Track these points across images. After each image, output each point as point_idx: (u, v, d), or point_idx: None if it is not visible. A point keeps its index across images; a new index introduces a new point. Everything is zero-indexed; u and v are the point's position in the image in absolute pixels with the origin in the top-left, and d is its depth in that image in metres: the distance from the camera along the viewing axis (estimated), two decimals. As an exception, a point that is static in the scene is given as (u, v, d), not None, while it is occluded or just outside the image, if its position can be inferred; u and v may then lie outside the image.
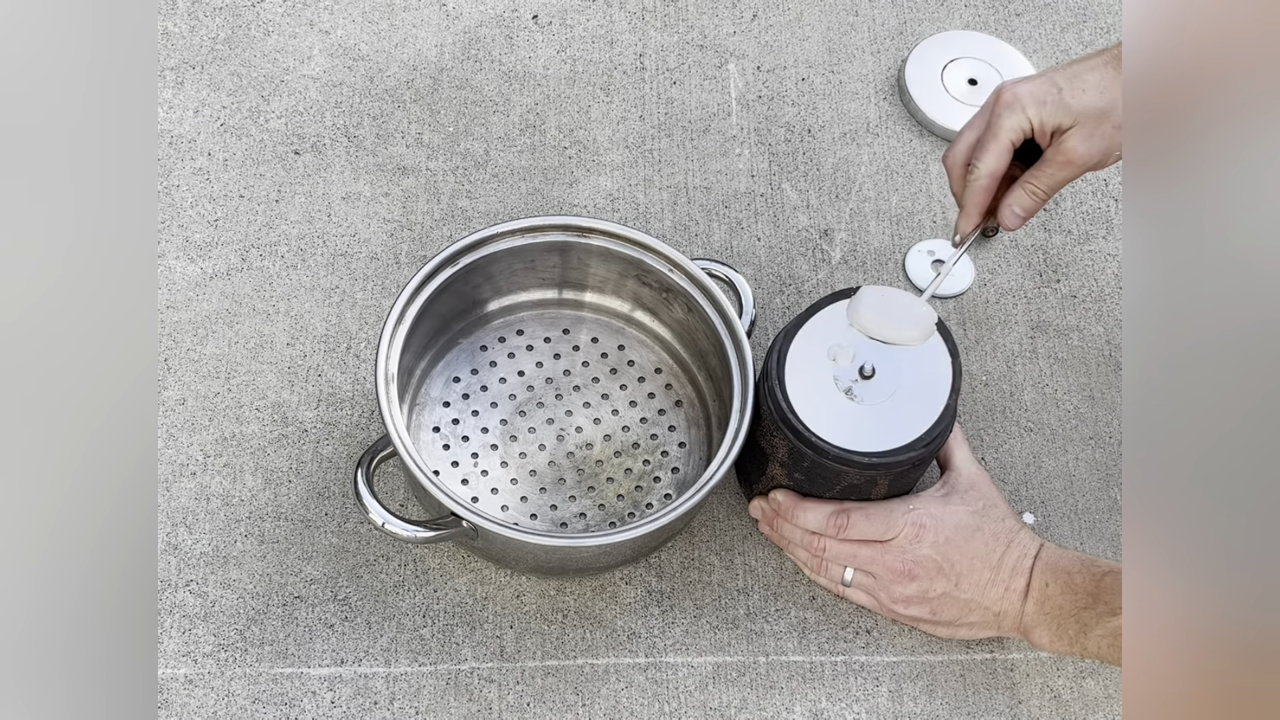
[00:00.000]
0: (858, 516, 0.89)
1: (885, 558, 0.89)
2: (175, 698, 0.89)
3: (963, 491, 0.90)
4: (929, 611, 0.90)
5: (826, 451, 0.86)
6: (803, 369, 0.89)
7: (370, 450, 0.87)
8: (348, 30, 1.15)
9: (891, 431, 0.87)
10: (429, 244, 1.05)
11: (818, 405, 0.88)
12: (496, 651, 0.92)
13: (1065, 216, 1.10)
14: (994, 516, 0.90)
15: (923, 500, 0.90)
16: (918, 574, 0.89)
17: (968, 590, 0.89)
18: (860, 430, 0.87)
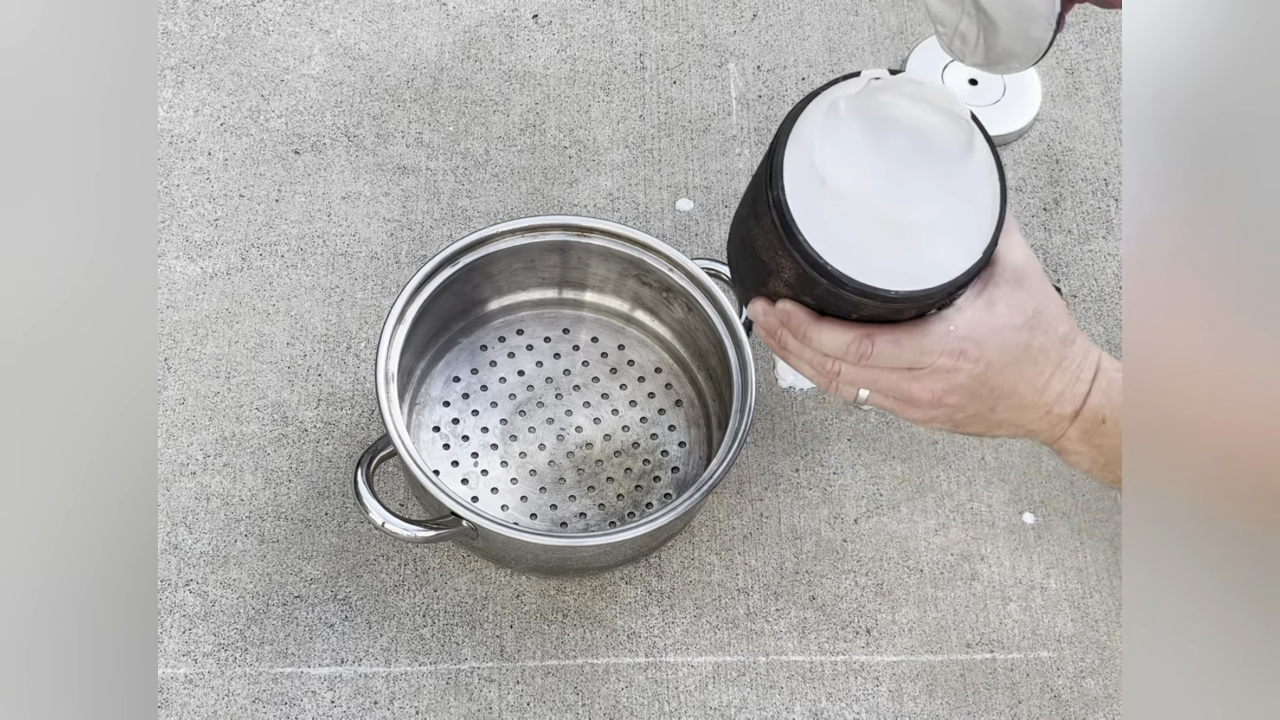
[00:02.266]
0: (884, 343, 0.75)
1: (913, 386, 0.77)
2: (175, 698, 0.89)
3: (1010, 288, 0.75)
4: (951, 426, 0.80)
5: (844, 283, 0.72)
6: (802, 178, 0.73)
7: (370, 450, 0.88)
8: (348, 30, 1.15)
9: (923, 261, 0.73)
10: (429, 244, 1.05)
11: (833, 221, 0.73)
12: (496, 651, 0.92)
13: (1065, 216, 1.10)
14: (1045, 324, 0.76)
15: (962, 316, 0.75)
16: (948, 402, 0.77)
17: (1003, 413, 0.78)
18: (886, 257, 0.73)
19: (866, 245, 0.73)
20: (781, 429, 1.00)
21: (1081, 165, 1.12)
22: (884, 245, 0.73)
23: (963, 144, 0.75)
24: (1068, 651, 0.94)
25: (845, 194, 0.73)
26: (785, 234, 0.73)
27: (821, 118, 0.74)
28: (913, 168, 0.75)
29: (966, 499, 0.99)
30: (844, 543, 0.97)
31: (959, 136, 0.75)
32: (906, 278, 0.73)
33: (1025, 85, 1.15)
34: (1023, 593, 0.96)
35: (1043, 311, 0.76)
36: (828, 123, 0.74)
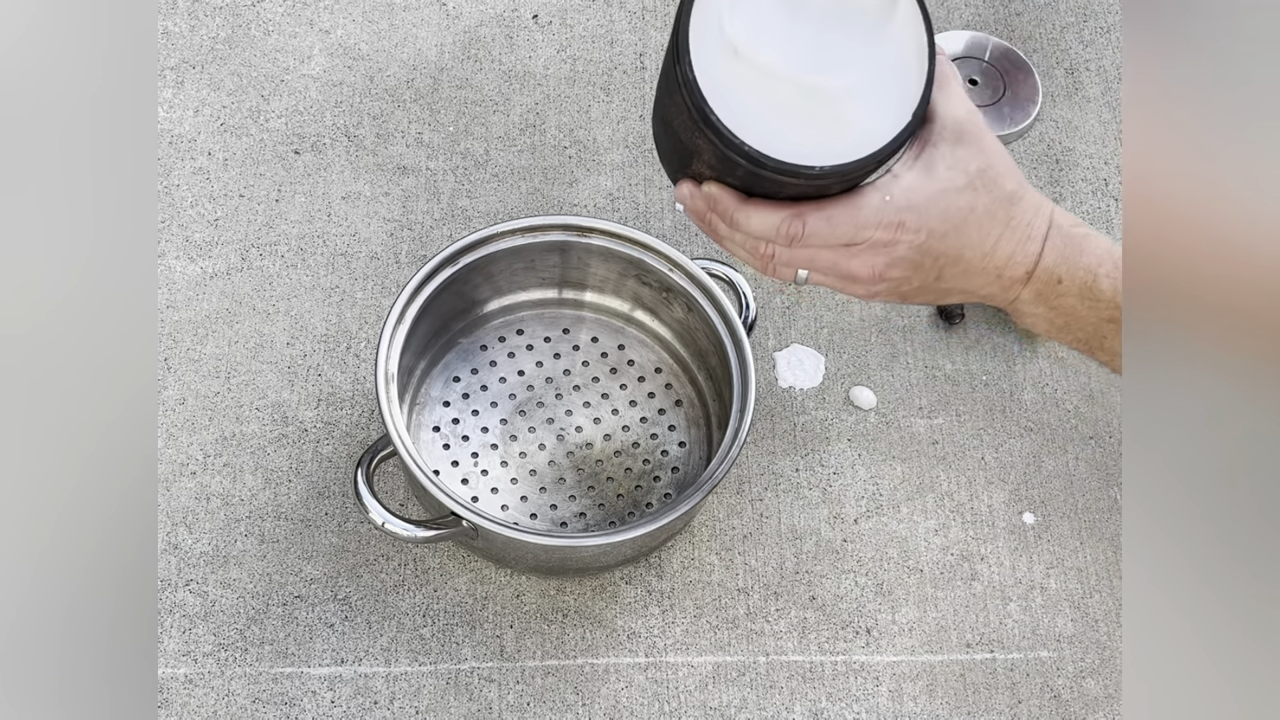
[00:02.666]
0: (816, 221, 0.71)
1: (851, 263, 0.73)
2: (175, 698, 0.89)
3: (950, 146, 0.71)
4: (898, 298, 0.76)
5: (764, 162, 0.68)
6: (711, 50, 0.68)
7: (370, 450, 0.88)
8: (348, 30, 1.15)
9: (849, 130, 0.68)
10: (429, 244, 1.05)
11: (748, 96, 0.68)
12: (496, 651, 0.92)
13: (1065, 216, 1.10)
14: (990, 183, 0.72)
15: (899, 184, 0.71)
16: (891, 275, 0.73)
17: (950, 280, 0.74)
18: (808, 129, 0.68)
19: (786, 119, 0.68)
20: (781, 429, 1.00)
21: (1081, 165, 1.12)
22: (805, 117, 0.68)
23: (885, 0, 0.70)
24: (1068, 651, 0.94)
25: (759, 64, 0.68)
26: (697, 113, 0.68)
27: None
28: (832, 30, 0.69)
29: (966, 499, 0.99)
30: (844, 543, 0.97)
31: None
32: (832, 150, 0.68)
33: (1025, 85, 1.15)
34: (1023, 593, 0.96)
35: (987, 169, 0.71)
36: None
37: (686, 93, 0.68)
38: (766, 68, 0.68)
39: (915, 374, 1.03)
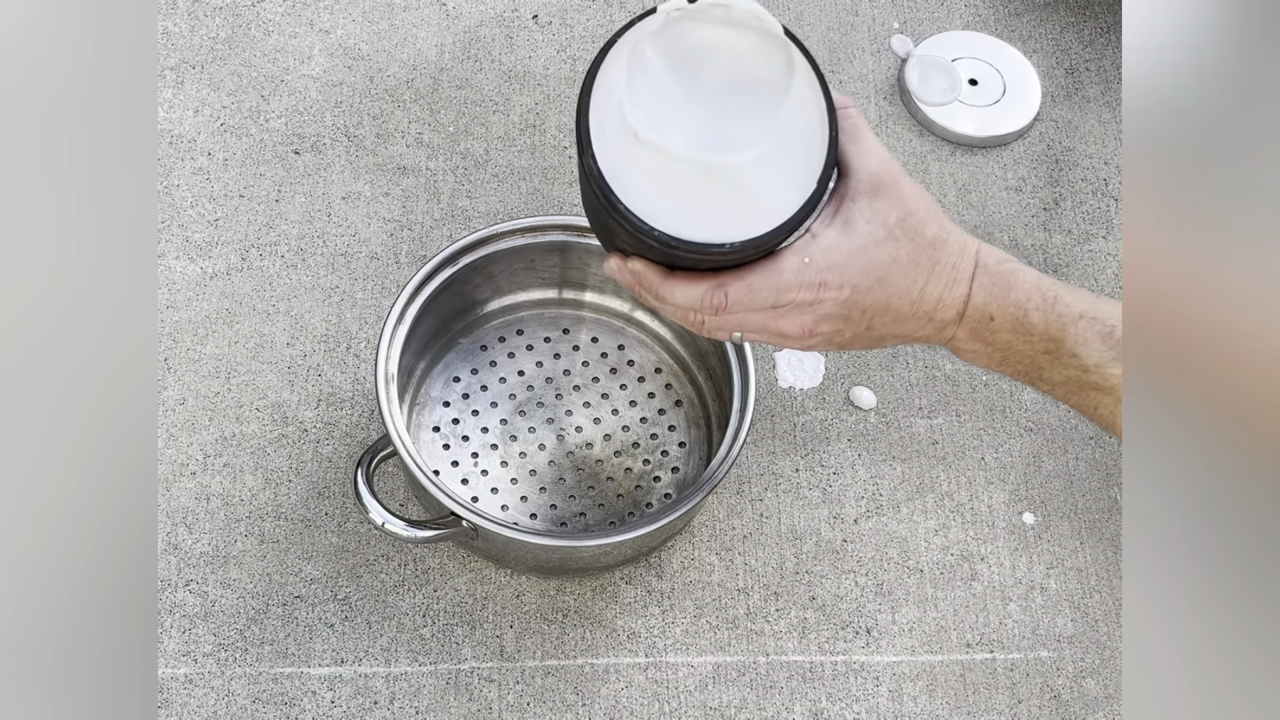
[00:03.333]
0: (738, 291, 0.72)
1: (780, 323, 0.74)
2: (175, 698, 0.89)
3: (868, 200, 0.71)
4: (834, 349, 0.77)
5: (673, 244, 0.69)
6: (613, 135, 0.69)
7: (370, 450, 0.87)
8: (348, 30, 1.15)
9: (757, 203, 0.69)
10: (429, 244, 1.05)
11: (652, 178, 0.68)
12: (496, 651, 0.92)
13: (1065, 216, 1.10)
14: (911, 231, 0.72)
15: (817, 245, 0.71)
16: (821, 330, 0.74)
17: (881, 328, 0.75)
18: (715, 206, 0.69)
19: (693, 198, 0.68)
20: (781, 429, 1.00)
21: (1081, 165, 1.12)
22: (711, 195, 0.68)
23: (782, 66, 0.70)
24: (1068, 651, 0.94)
25: (660, 147, 0.68)
26: (605, 201, 0.69)
27: (626, 63, 0.70)
28: (731, 105, 0.70)
29: (967, 499, 0.99)
30: (844, 543, 0.97)
31: (776, 58, 0.70)
32: (741, 225, 0.68)
33: (1025, 85, 1.15)
34: (1023, 593, 0.96)
35: (906, 218, 0.72)
36: (633, 68, 0.70)
37: (592, 181, 0.69)
38: (668, 150, 0.68)
39: (915, 374, 1.03)
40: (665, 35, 0.70)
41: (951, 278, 0.73)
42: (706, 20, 0.70)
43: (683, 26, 0.70)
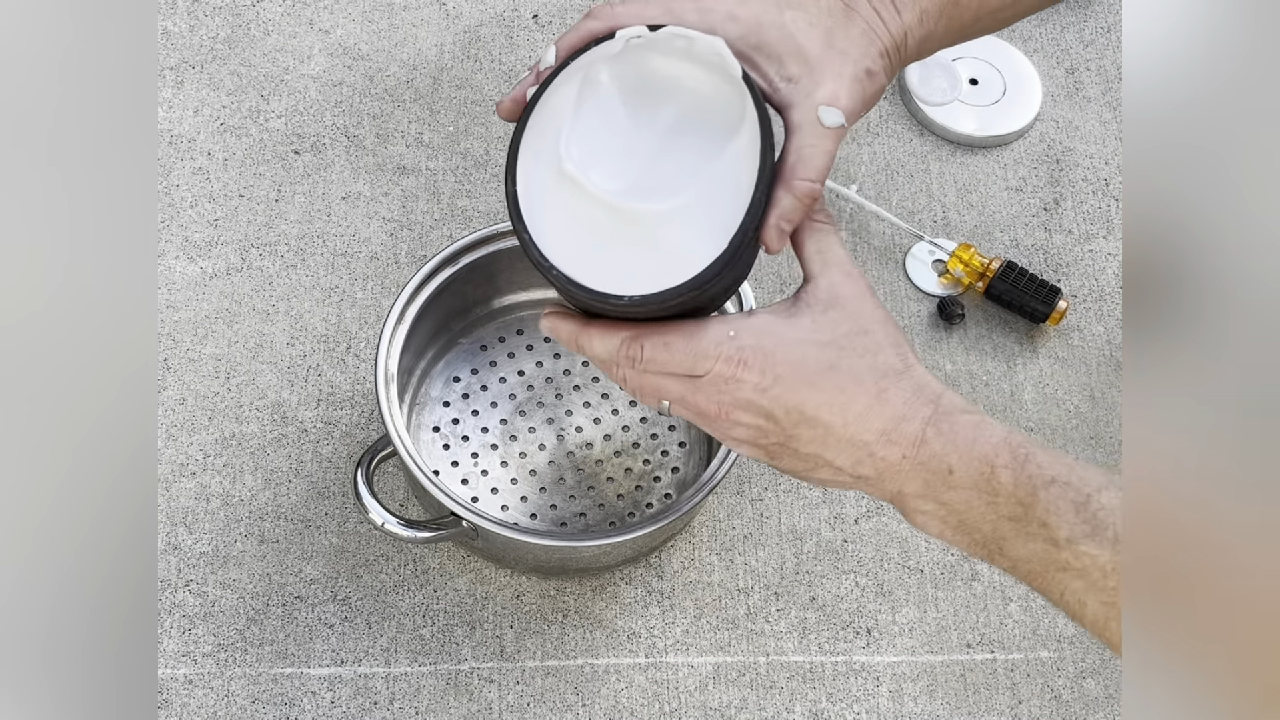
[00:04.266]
0: (654, 346, 0.67)
1: (697, 397, 0.67)
2: (175, 698, 0.89)
3: (818, 311, 0.66)
4: (766, 456, 0.69)
5: (572, 288, 0.66)
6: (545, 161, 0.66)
7: (370, 450, 0.87)
8: (347, 30, 1.14)
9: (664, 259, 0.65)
10: (429, 244, 1.05)
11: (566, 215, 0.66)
12: (496, 651, 0.92)
13: (1065, 216, 1.10)
14: (862, 349, 0.65)
15: (750, 322, 0.66)
16: (742, 420, 0.67)
17: (809, 444, 0.67)
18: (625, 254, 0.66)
19: (603, 241, 0.65)
20: (782, 429, 1.00)
21: (1081, 165, 1.12)
22: (621, 240, 0.65)
23: (733, 112, 0.66)
24: (1068, 652, 0.94)
25: (580, 184, 0.65)
26: (518, 233, 0.67)
27: (577, 86, 0.67)
28: (671, 144, 0.67)
29: (967, 499, 0.98)
30: (844, 543, 0.97)
31: (729, 102, 0.67)
32: (646, 277, 0.65)
33: (1025, 85, 1.15)
34: (1023, 593, 0.96)
35: (859, 334, 0.66)
36: (584, 93, 0.68)
37: (509, 205, 0.67)
38: (586, 188, 0.65)
39: (915, 374, 1.03)
40: (622, 61, 0.68)
41: (901, 413, 0.65)
42: (666, 51, 0.67)
43: (641, 55, 0.68)
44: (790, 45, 0.67)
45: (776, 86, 0.67)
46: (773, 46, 0.67)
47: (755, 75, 0.67)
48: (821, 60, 0.67)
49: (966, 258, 1.04)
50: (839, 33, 0.67)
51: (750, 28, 0.67)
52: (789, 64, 0.67)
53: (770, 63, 0.67)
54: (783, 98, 0.68)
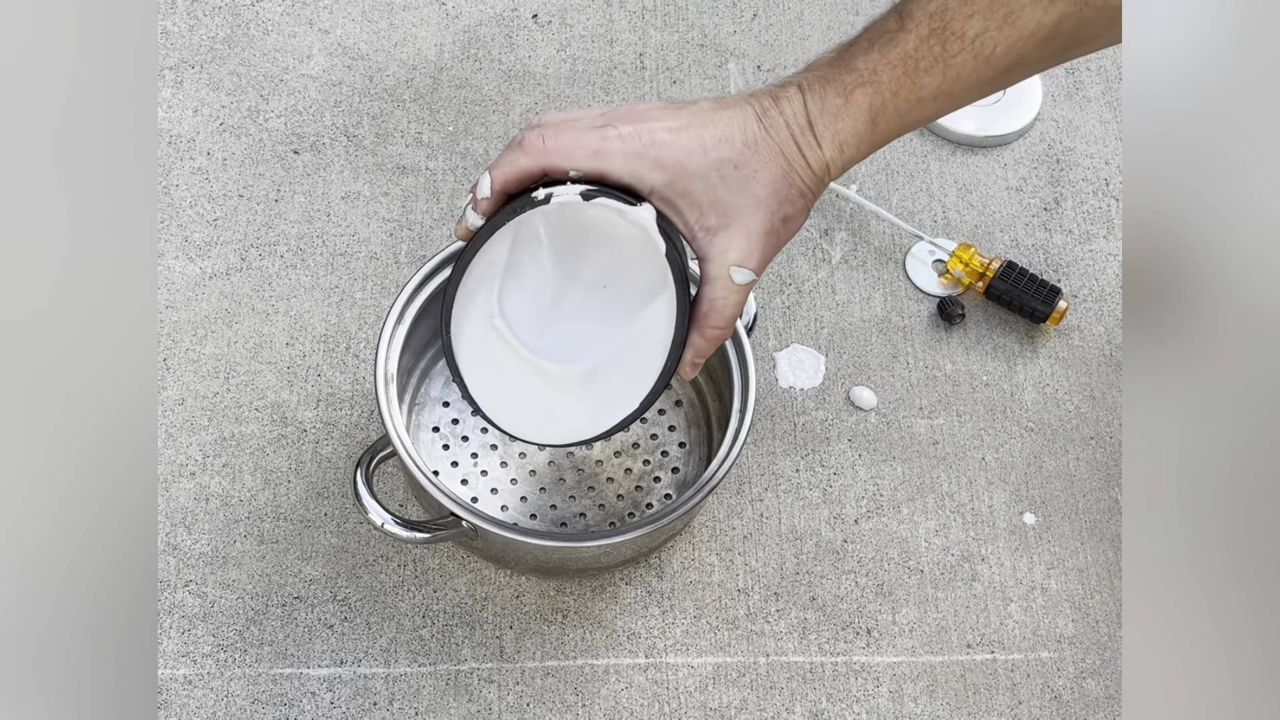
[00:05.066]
0: None
1: None
2: (175, 698, 0.89)
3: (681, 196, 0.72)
4: None
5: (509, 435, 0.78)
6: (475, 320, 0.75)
7: (370, 450, 0.87)
8: (347, 29, 1.14)
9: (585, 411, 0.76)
10: (429, 243, 1.05)
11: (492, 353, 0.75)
12: (496, 652, 0.92)
13: (1065, 216, 1.10)
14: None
15: None
16: None
17: None
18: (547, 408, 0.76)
19: (531, 393, 0.75)
20: (781, 429, 1.00)
21: (1081, 165, 1.12)
22: (547, 393, 0.75)
23: (655, 276, 0.73)
24: (1068, 652, 0.94)
25: (508, 342, 0.74)
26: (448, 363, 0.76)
27: (510, 241, 0.73)
28: (590, 304, 0.74)
29: (967, 499, 0.98)
30: (844, 543, 0.97)
31: (651, 265, 0.73)
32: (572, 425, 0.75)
33: (1025, 85, 1.15)
34: (1023, 593, 0.96)
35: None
36: (515, 247, 0.73)
37: (446, 353, 0.75)
38: (514, 347, 0.74)
39: (915, 374, 1.03)
40: (555, 214, 0.72)
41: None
42: (601, 208, 0.72)
43: (575, 209, 0.72)
44: (711, 197, 0.71)
45: (695, 235, 0.72)
46: (695, 196, 0.71)
47: (677, 220, 0.72)
48: (740, 214, 0.71)
49: (966, 258, 1.04)
50: (760, 178, 0.71)
51: (675, 176, 0.71)
52: (709, 215, 0.71)
53: (692, 210, 0.71)
54: (700, 247, 0.72)
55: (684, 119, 0.71)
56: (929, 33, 0.70)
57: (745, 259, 0.72)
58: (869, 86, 0.71)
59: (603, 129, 0.71)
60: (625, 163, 0.70)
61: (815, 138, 0.72)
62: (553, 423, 0.76)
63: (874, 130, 0.72)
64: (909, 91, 0.71)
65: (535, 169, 0.71)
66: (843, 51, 0.73)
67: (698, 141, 0.70)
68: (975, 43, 0.70)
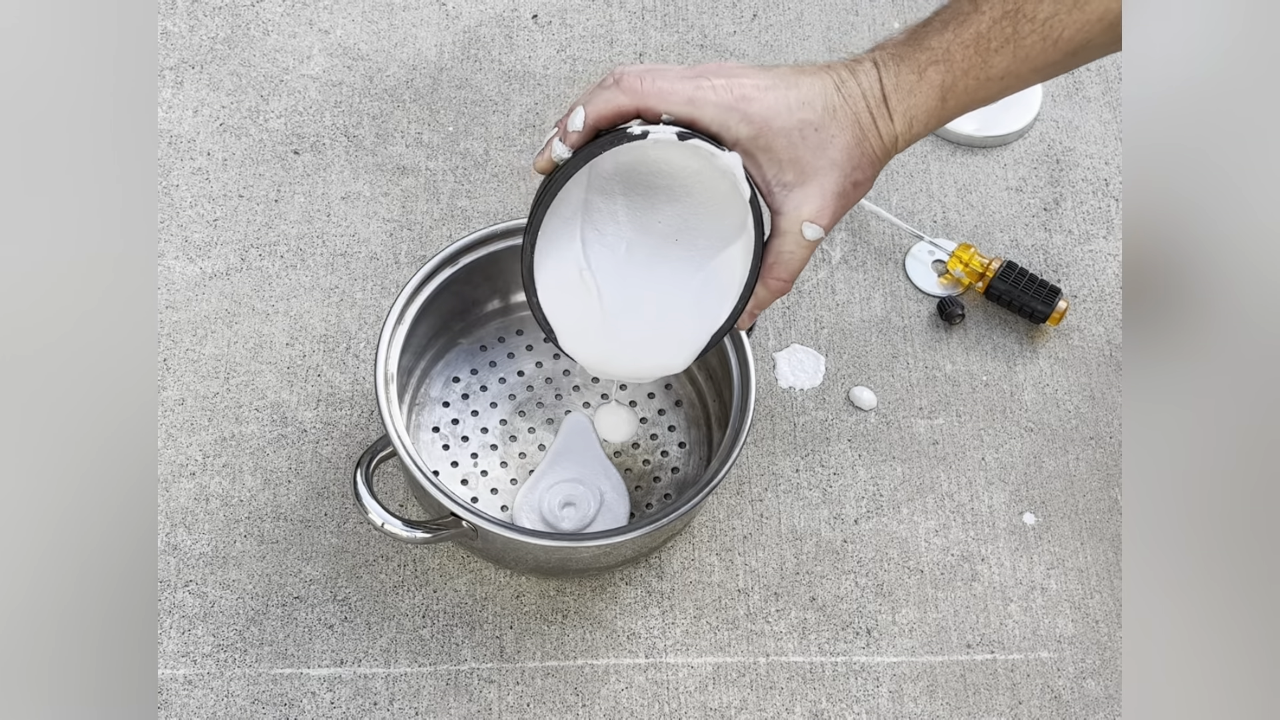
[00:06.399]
0: None
1: None
2: (175, 698, 0.89)
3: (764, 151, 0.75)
4: None
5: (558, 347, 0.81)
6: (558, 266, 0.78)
7: (370, 450, 0.87)
8: (347, 30, 1.14)
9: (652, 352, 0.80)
10: (429, 244, 1.05)
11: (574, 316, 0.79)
12: (496, 652, 0.92)
13: (1065, 216, 1.10)
14: None
15: None
16: None
17: None
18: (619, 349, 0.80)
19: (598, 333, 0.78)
20: (781, 429, 1.00)
21: (1081, 165, 1.12)
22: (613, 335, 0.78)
23: (733, 221, 0.75)
24: (1068, 652, 0.94)
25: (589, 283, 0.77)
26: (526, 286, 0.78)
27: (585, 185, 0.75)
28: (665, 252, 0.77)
29: (967, 500, 0.99)
30: (844, 543, 0.97)
31: (731, 209, 0.75)
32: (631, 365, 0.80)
33: (1025, 85, 1.15)
34: (1023, 593, 0.96)
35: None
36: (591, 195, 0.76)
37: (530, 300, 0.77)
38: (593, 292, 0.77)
39: (915, 374, 1.03)
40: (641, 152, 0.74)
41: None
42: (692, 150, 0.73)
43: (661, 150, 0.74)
44: (791, 155, 0.73)
45: (772, 190, 0.74)
46: (776, 152, 0.73)
47: (755, 173, 0.74)
48: (816, 173, 0.74)
49: (966, 258, 1.05)
50: (836, 143, 0.74)
51: (761, 130, 0.73)
52: (787, 171, 0.74)
53: (772, 165, 0.74)
54: (775, 201, 0.75)
55: (771, 79, 0.74)
56: (1001, 14, 0.73)
57: (817, 216, 0.74)
58: (942, 65, 0.74)
59: (696, 79, 0.73)
60: (716, 112, 0.73)
61: (889, 111, 0.75)
62: (628, 362, 0.79)
63: (943, 107, 0.75)
64: (979, 70, 0.74)
65: (630, 108, 0.73)
66: (915, 31, 0.76)
67: (784, 101, 0.73)
68: (1045, 25, 0.73)
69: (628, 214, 0.77)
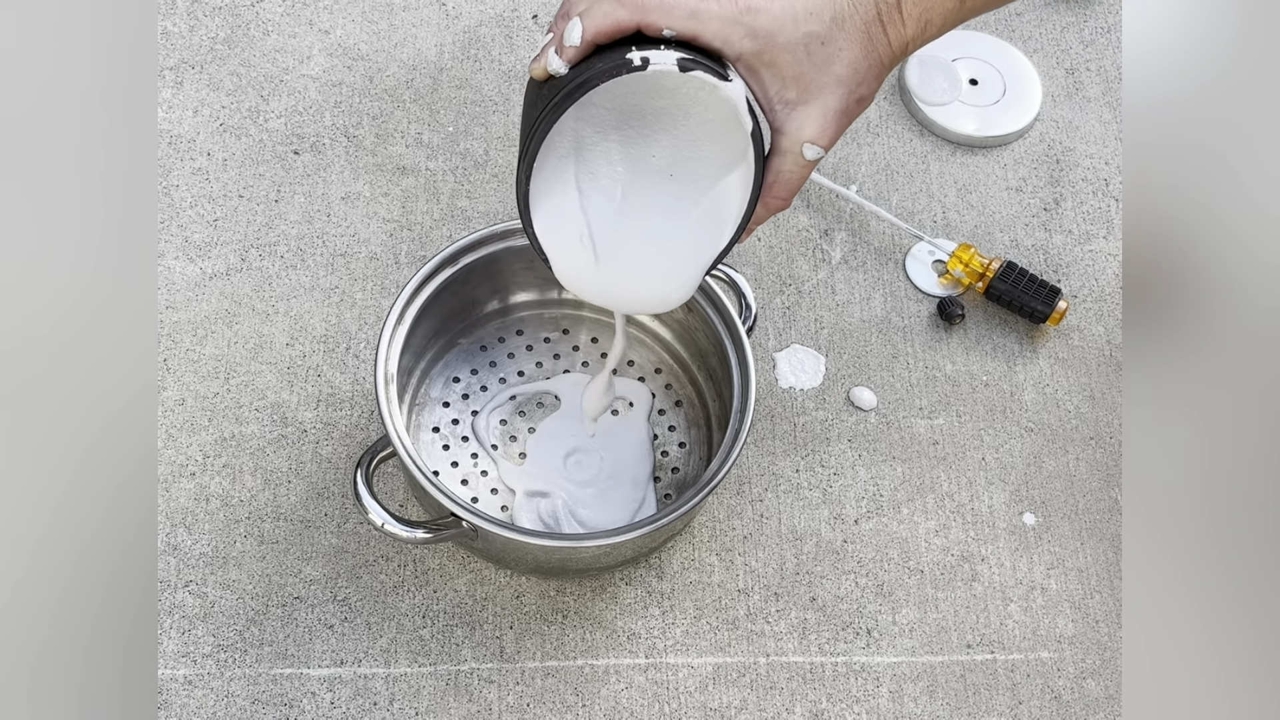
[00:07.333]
0: None
1: None
2: (175, 698, 0.89)
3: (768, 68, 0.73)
4: None
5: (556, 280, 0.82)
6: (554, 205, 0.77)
7: (370, 451, 0.87)
8: (347, 30, 1.14)
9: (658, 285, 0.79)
10: (429, 244, 1.05)
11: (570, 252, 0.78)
12: (496, 652, 0.92)
13: (1065, 216, 1.10)
14: None
15: None
16: None
17: None
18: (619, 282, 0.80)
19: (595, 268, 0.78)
20: (781, 429, 1.00)
21: (1081, 165, 1.12)
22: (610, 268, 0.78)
23: (733, 149, 0.73)
24: (1068, 652, 0.94)
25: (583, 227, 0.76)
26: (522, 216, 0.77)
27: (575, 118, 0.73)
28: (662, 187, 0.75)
29: (967, 500, 0.99)
30: (844, 543, 0.97)
31: (730, 137, 0.73)
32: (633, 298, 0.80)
33: (1025, 85, 1.15)
34: (1023, 593, 0.96)
35: None
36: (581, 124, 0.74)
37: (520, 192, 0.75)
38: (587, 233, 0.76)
39: (915, 374, 1.03)
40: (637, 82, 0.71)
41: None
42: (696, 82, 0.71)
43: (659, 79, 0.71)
44: (795, 71, 0.71)
45: (774, 106, 0.72)
46: (780, 68, 0.71)
47: (757, 89, 0.71)
48: (820, 90, 0.71)
49: (966, 258, 1.05)
50: (842, 57, 0.71)
51: (765, 45, 0.70)
52: (790, 88, 0.71)
53: (775, 82, 0.71)
54: (777, 119, 0.72)
55: None
56: None
57: (819, 137, 0.72)
58: None
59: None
60: (720, 26, 0.70)
61: (902, 16, 0.72)
62: (630, 295, 0.79)
63: (962, 7, 0.73)
64: None
65: (630, 23, 0.70)
66: None
67: (790, 13, 0.70)
68: None
69: (621, 151, 0.75)
